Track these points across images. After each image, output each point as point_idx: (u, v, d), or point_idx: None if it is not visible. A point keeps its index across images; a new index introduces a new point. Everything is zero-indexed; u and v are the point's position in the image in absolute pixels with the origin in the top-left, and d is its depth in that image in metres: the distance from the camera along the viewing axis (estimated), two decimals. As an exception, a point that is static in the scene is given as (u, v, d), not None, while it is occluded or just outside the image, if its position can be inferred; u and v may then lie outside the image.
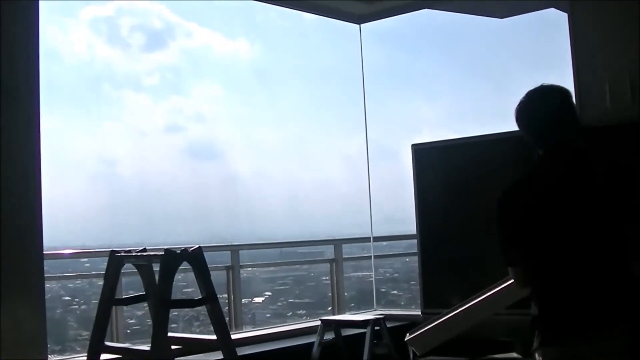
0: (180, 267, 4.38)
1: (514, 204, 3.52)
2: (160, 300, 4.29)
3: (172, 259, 4.26)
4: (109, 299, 4.70)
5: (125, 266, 4.84)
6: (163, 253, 4.30)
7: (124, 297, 5.55)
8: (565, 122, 3.57)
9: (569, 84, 6.09)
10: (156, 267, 4.56)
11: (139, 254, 4.65)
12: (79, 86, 9.22)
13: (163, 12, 11.24)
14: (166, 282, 4.26)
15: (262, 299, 9.26)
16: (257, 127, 9.89)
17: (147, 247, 4.80)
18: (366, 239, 8.64)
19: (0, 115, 4.56)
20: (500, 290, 5.04)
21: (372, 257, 8.69)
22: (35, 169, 4.77)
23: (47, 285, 5.90)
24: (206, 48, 11.48)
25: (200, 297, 4.45)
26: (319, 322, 6.81)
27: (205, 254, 4.47)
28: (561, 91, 3.61)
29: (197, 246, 4.38)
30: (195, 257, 4.34)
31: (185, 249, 4.34)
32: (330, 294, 8.70)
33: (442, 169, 6.54)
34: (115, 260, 4.66)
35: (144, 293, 4.83)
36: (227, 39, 11.64)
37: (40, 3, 4.94)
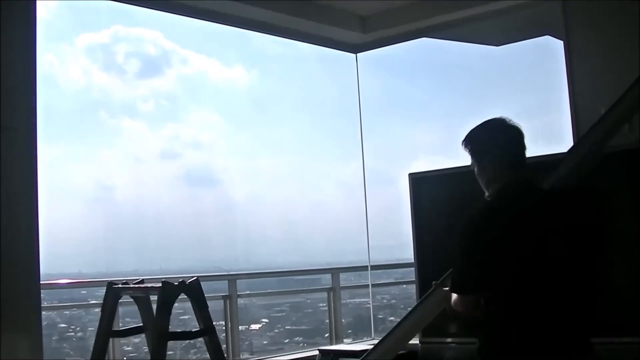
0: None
1: (480, 232, 3.54)
2: (158, 333, 4.27)
3: (169, 291, 4.25)
4: (107, 331, 4.68)
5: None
6: (160, 285, 4.28)
7: (121, 328, 5.52)
8: (525, 158, 3.71)
9: (565, 110, 6.11)
10: (154, 298, 4.54)
11: (136, 285, 4.64)
12: (76, 113, 9.24)
13: (158, 39, 11.28)
14: (164, 314, 4.24)
15: (259, 325, 9.22)
16: (254, 154, 9.91)
17: (144, 278, 4.79)
18: (363, 268, 8.60)
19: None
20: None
21: (370, 285, 8.66)
22: (32, 200, 4.76)
23: (44, 313, 5.88)
24: (202, 75, 11.50)
25: (198, 328, 4.43)
26: (316, 352, 6.78)
27: (202, 283, 4.44)
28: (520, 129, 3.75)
29: (194, 278, 4.36)
30: (193, 289, 4.33)
31: (183, 281, 4.32)
32: (327, 321, 8.67)
33: (439, 198, 6.52)
34: (113, 292, 4.64)
35: (141, 325, 4.81)
36: (224, 66, 11.66)
37: (37, 29, 4.97)
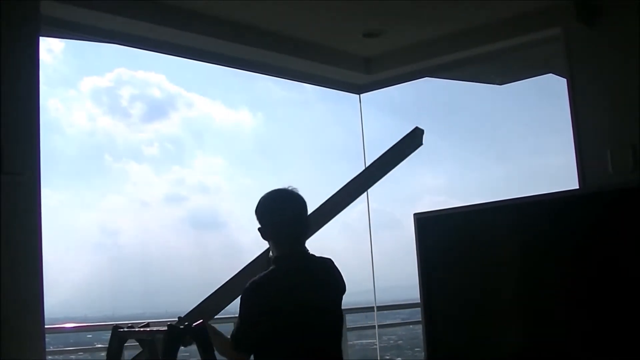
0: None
1: (262, 296, 4.05)
2: (164, 377, 4.24)
3: (175, 334, 4.23)
4: (112, 375, 4.65)
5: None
6: (166, 328, 4.26)
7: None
8: (309, 229, 4.36)
9: (569, 148, 6.10)
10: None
11: (141, 329, 4.62)
12: (81, 157, 9.34)
13: (162, 82, 11.36)
14: (169, 357, 4.22)
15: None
16: (258, 197, 9.90)
17: (150, 322, 4.76)
18: (369, 309, 8.56)
19: (0, 191, 4.56)
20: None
21: (376, 326, 8.62)
22: (35, 245, 4.74)
23: (49, 357, 5.85)
24: (207, 118, 11.63)
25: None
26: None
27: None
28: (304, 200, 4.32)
29: (200, 321, 4.34)
30: (199, 333, 4.30)
31: (189, 324, 4.31)
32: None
33: (445, 238, 6.49)
34: (118, 336, 4.62)
35: (146, 369, 4.77)
36: (229, 109, 11.74)
37: (43, 76, 4.98)
